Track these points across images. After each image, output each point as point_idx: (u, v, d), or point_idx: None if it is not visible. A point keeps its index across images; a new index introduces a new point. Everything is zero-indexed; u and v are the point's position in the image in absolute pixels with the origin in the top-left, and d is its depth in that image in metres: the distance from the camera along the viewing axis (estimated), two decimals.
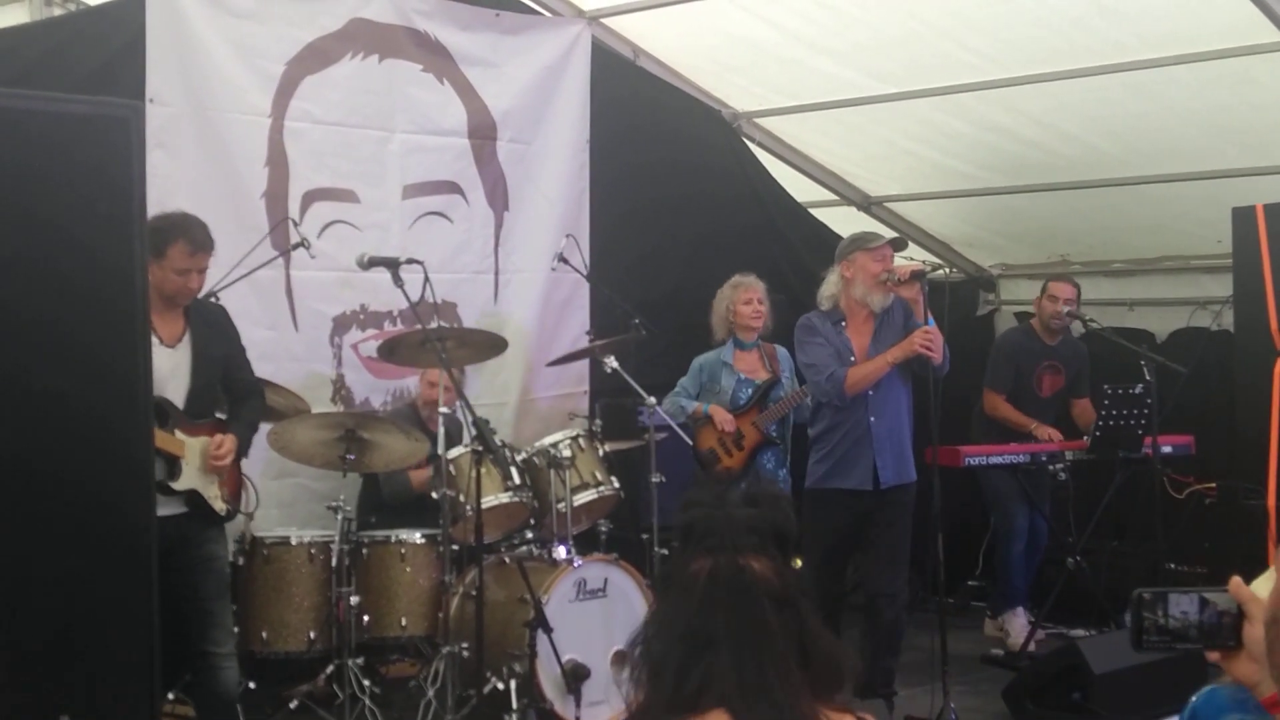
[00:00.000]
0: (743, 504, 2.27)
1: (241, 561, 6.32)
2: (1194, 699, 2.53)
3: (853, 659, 2.31)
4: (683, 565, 2.24)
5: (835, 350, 6.51)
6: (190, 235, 5.44)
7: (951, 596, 8.20)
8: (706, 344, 7.91)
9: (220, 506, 5.64)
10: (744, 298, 7.69)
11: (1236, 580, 2.05)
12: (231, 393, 5.80)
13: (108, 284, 4.41)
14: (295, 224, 6.96)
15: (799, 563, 5.73)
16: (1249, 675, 2.02)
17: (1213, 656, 2.12)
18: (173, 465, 5.40)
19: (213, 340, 5.65)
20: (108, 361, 4.43)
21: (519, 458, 6.62)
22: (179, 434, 5.44)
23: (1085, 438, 7.95)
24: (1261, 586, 2.45)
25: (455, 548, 6.38)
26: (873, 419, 6.47)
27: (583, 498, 6.68)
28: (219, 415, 5.75)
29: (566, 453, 6.61)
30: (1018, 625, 8.27)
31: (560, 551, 6.48)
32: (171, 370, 5.39)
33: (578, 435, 6.81)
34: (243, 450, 5.79)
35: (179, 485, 5.43)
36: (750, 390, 7.62)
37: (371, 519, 6.81)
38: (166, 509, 5.31)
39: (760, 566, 2.20)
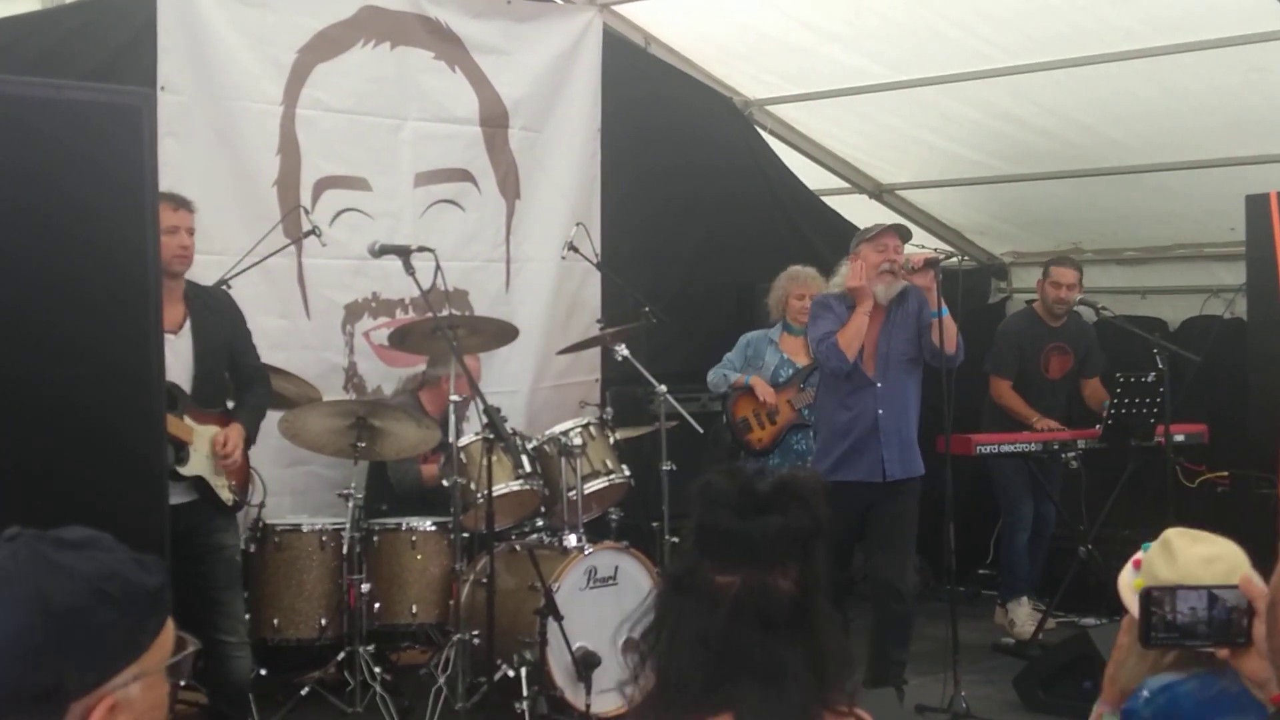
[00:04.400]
0: (770, 508, 2.14)
1: (253, 549, 6.34)
2: (1145, 694, 2.50)
3: (856, 652, 2.26)
4: (706, 572, 2.15)
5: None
6: (167, 195, 5.38)
7: (963, 585, 8.19)
8: (717, 331, 7.94)
9: (227, 496, 5.65)
10: (797, 293, 7.77)
11: (1245, 576, 2.04)
12: (237, 379, 5.81)
13: (119, 273, 4.42)
14: (307, 212, 6.98)
15: None
16: (1258, 672, 2.02)
17: (1222, 653, 2.11)
18: (180, 451, 5.41)
19: (215, 326, 5.65)
20: (119, 353, 4.44)
21: (530, 446, 6.63)
22: (188, 420, 5.45)
23: (1097, 425, 7.93)
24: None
25: (466, 535, 6.40)
26: (881, 411, 6.47)
27: (593, 485, 6.69)
28: (227, 404, 5.76)
29: (577, 441, 6.62)
30: (1022, 614, 8.28)
31: (571, 539, 6.48)
32: (175, 357, 5.37)
33: (589, 423, 6.81)
34: (250, 439, 5.80)
35: (186, 471, 5.45)
36: (791, 371, 7.72)
37: (383, 506, 6.82)
38: (175, 497, 5.31)
39: (786, 583, 2.12)
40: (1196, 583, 2.44)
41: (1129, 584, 2.69)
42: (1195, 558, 2.61)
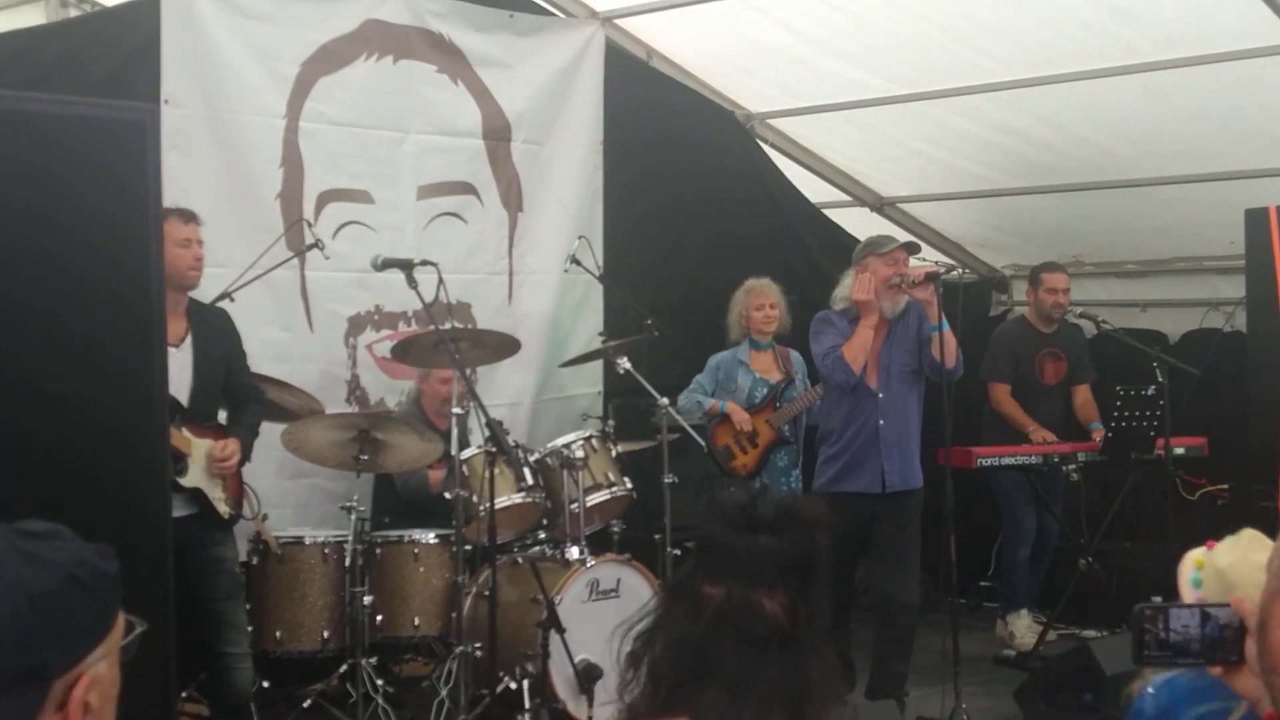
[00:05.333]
0: (769, 529, 2.17)
1: (255, 561, 6.35)
2: (1150, 689, 2.57)
3: (846, 688, 2.28)
4: (696, 581, 2.19)
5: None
6: (176, 210, 5.52)
7: (964, 597, 8.20)
8: (719, 345, 7.93)
9: (224, 509, 5.67)
10: (755, 303, 7.76)
11: (1238, 595, 2.06)
12: (231, 396, 5.83)
13: (124, 287, 4.44)
14: (310, 225, 6.99)
15: None
16: (1251, 690, 2.03)
17: (1215, 671, 2.13)
18: (179, 463, 5.42)
19: (214, 341, 5.68)
20: (123, 363, 4.46)
21: (532, 458, 6.64)
22: (185, 432, 5.47)
23: (1096, 438, 7.95)
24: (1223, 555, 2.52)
25: (468, 548, 6.40)
26: (881, 422, 6.48)
27: (595, 498, 6.69)
28: (220, 419, 5.78)
29: (579, 453, 6.63)
30: (1022, 626, 8.29)
31: (573, 552, 6.49)
32: (175, 370, 5.38)
33: (590, 436, 6.82)
34: (245, 455, 5.81)
35: (185, 483, 5.46)
36: (765, 390, 7.68)
37: (385, 519, 6.82)
38: (175, 510, 5.31)
39: (772, 605, 2.13)
40: (1239, 581, 2.48)
41: (1193, 558, 2.71)
42: (1253, 562, 2.64)
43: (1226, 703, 2.47)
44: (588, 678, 6.13)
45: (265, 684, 6.24)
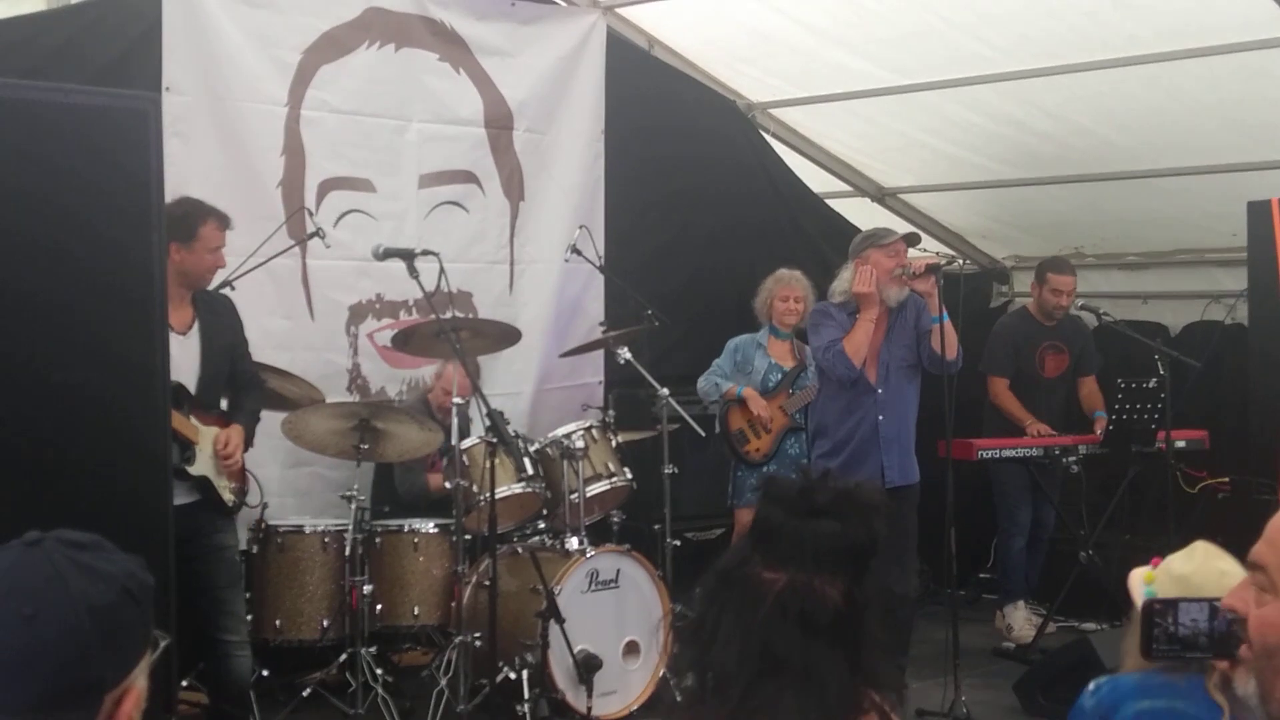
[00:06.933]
0: (829, 514, 2.13)
1: (256, 550, 6.35)
2: (1091, 687, 2.61)
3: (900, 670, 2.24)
4: (754, 566, 2.14)
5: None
6: (217, 214, 5.61)
7: (963, 589, 8.20)
8: (720, 334, 7.95)
9: (228, 497, 5.68)
10: (781, 294, 7.84)
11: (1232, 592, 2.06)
12: (233, 384, 5.83)
13: (126, 275, 4.45)
14: (311, 213, 6.98)
15: None
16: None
17: (1221, 665, 2.13)
18: (187, 450, 5.43)
19: (220, 329, 5.69)
20: (126, 352, 4.47)
21: (532, 448, 6.65)
22: (194, 420, 5.47)
23: (1097, 430, 7.94)
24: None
25: (468, 537, 6.40)
26: (881, 418, 6.48)
27: (595, 488, 6.70)
28: (223, 406, 5.79)
29: (579, 443, 6.63)
30: (1019, 617, 8.28)
31: (573, 542, 6.50)
32: (183, 358, 5.40)
33: (591, 426, 6.83)
34: (248, 442, 5.82)
35: (194, 470, 5.47)
36: (780, 375, 7.76)
37: (385, 508, 6.83)
38: (180, 498, 5.33)
39: (832, 591, 2.09)
40: (1202, 585, 2.47)
41: (1140, 574, 2.73)
42: (1213, 568, 2.64)
43: (1171, 702, 2.49)
44: (587, 668, 6.15)
45: (265, 673, 6.25)
